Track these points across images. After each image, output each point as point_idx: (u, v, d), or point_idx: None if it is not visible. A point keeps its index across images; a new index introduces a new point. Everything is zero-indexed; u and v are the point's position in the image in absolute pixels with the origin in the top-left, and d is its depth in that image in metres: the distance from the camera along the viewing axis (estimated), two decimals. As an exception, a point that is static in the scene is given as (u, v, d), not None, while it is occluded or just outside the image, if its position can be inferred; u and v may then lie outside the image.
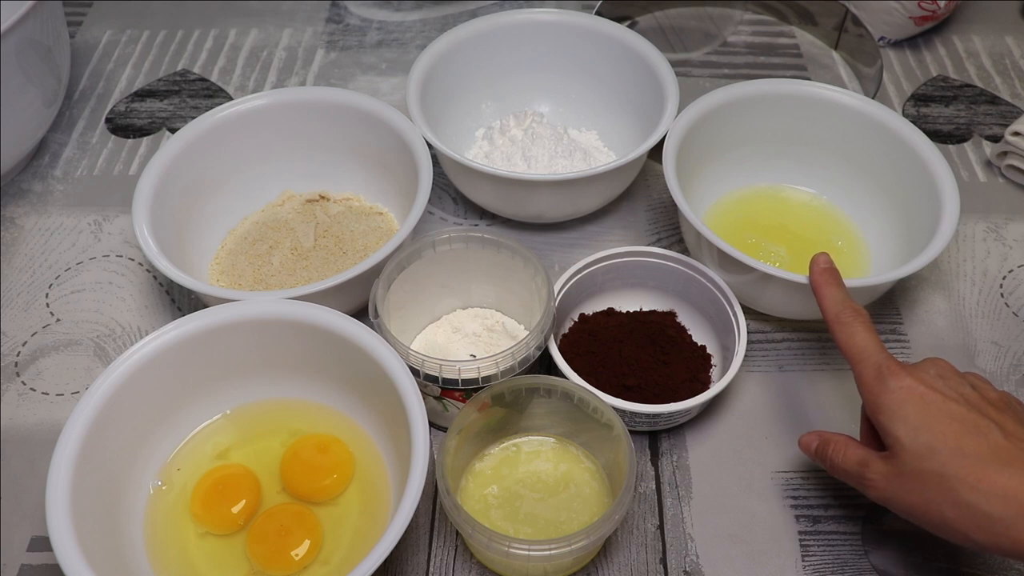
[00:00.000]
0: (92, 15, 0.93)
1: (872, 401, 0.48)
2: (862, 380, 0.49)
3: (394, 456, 0.54)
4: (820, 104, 0.68)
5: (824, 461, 0.52)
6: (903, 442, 0.46)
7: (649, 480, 0.58)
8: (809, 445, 0.53)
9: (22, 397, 0.62)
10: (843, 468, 0.50)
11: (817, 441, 0.52)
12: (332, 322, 0.53)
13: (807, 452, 0.53)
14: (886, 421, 0.47)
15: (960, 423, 0.45)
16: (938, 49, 0.88)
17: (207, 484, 0.54)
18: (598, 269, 0.63)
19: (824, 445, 0.52)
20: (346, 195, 0.73)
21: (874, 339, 0.50)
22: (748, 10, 0.92)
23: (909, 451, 0.46)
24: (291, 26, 0.91)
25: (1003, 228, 0.72)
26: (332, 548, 0.52)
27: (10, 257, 0.71)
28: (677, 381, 0.59)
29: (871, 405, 0.49)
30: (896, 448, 0.47)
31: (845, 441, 0.51)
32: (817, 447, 0.52)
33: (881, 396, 0.48)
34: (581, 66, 0.76)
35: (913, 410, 0.46)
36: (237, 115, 0.68)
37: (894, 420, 0.47)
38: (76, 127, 0.81)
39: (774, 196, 0.72)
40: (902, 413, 0.47)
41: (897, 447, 0.47)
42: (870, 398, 0.49)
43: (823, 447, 0.52)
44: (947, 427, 0.45)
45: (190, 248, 0.66)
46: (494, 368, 0.54)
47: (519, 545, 0.47)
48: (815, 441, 0.52)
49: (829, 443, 0.51)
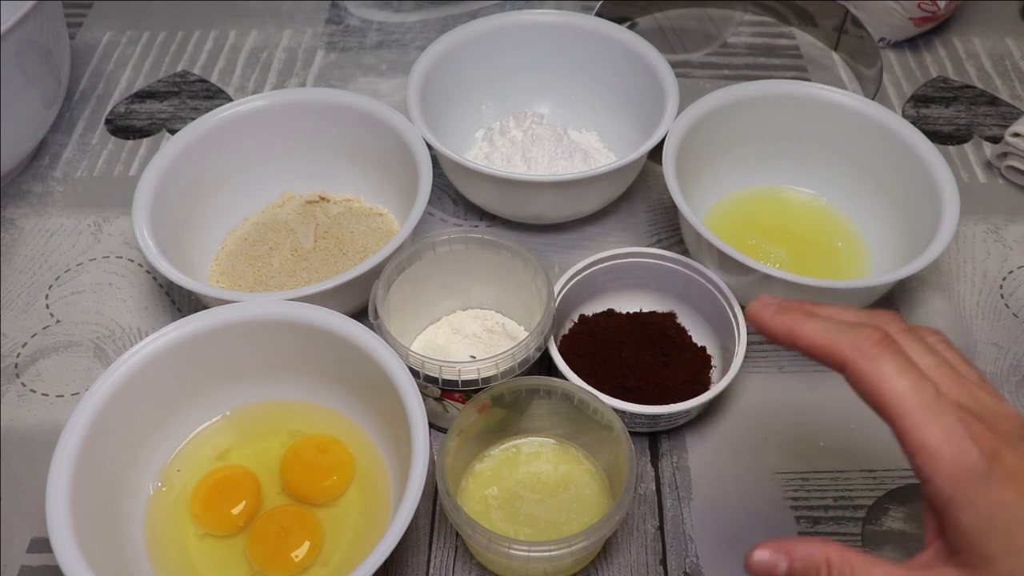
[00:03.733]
0: (92, 16, 0.93)
1: (955, 497, 0.33)
2: (925, 449, 0.33)
3: (394, 457, 0.54)
4: (820, 105, 0.68)
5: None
6: (998, 566, 0.33)
7: (649, 481, 0.58)
8: (768, 570, 0.36)
9: (22, 398, 0.62)
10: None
11: (785, 566, 0.36)
12: (332, 323, 0.53)
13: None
14: (978, 534, 0.33)
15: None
16: (938, 50, 0.88)
17: (207, 485, 0.54)
18: (598, 270, 0.63)
19: (810, 569, 0.35)
20: (346, 196, 0.73)
21: (924, 379, 0.34)
22: (748, 11, 0.92)
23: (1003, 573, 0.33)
24: (291, 27, 0.91)
25: (1003, 229, 0.72)
26: (332, 549, 0.52)
27: (10, 258, 0.71)
28: (677, 382, 0.59)
29: (950, 500, 0.34)
30: (983, 568, 0.33)
31: (854, 561, 0.35)
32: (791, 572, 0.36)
33: (977, 500, 0.33)
34: (581, 67, 0.76)
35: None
36: (237, 116, 0.68)
37: (991, 535, 0.33)
38: (76, 128, 0.81)
39: (774, 197, 0.72)
40: (1011, 532, 0.33)
41: (987, 569, 0.33)
42: (952, 491, 0.33)
43: (806, 571, 0.36)
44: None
45: (190, 249, 0.66)
46: (494, 369, 0.54)
47: (519, 546, 0.47)
48: (779, 565, 0.36)
49: (821, 569, 0.35)
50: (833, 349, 0.36)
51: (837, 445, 0.60)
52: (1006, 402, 0.36)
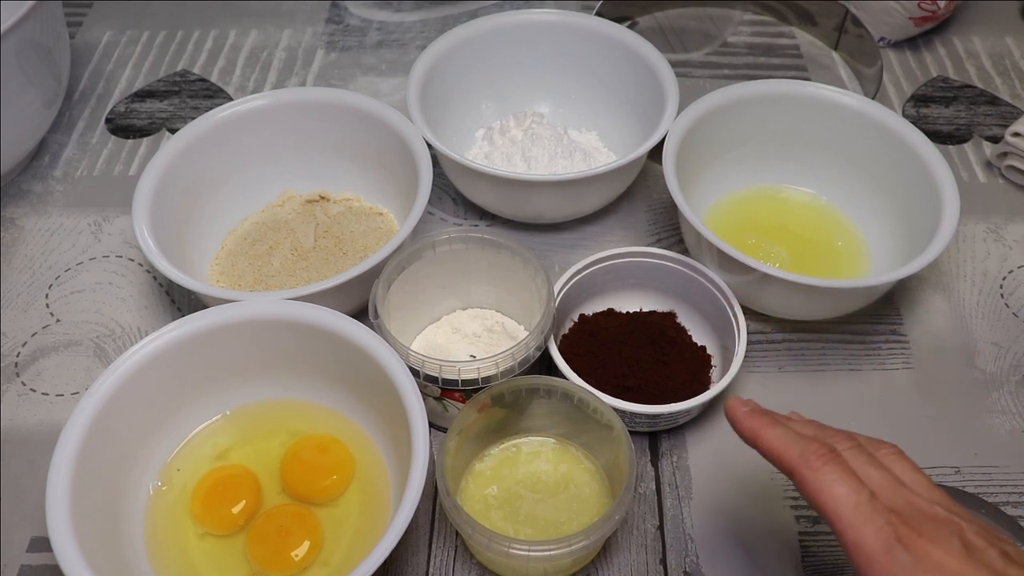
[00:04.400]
0: (92, 15, 0.93)
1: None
2: (859, 547, 0.38)
3: (394, 457, 0.54)
4: (820, 104, 0.68)
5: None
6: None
7: (649, 481, 0.58)
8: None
9: (22, 398, 0.62)
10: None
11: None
12: (332, 323, 0.53)
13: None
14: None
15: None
16: (938, 50, 0.88)
17: (207, 485, 0.54)
18: (598, 270, 0.63)
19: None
20: (346, 196, 0.73)
21: (860, 486, 0.39)
22: (748, 11, 0.92)
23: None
24: (291, 27, 0.91)
25: (1003, 229, 0.72)
26: (332, 549, 0.52)
27: (10, 258, 0.71)
28: (677, 382, 0.59)
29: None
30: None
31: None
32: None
33: (892, 573, 0.37)
34: (581, 66, 0.76)
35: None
36: (237, 115, 0.68)
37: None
38: (76, 128, 0.81)
39: (774, 196, 0.72)
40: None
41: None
42: (872, 571, 0.38)
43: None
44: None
45: (190, 248, 0.66)
46: (494, 369, 0.54)
47: (519, 546, 0.47)
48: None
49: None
50: (785, 456, 0.41)
51: (837, 445, 0.60)
52: (944, 504, 0.39)
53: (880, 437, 0.60)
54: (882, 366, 0.64)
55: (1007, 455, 0.59)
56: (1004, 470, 0.58)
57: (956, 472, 0.58)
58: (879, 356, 0.64)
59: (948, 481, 0.58)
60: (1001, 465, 0.58)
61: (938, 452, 0.59)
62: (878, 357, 0.64)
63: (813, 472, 0.40)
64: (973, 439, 0.60)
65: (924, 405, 0.62)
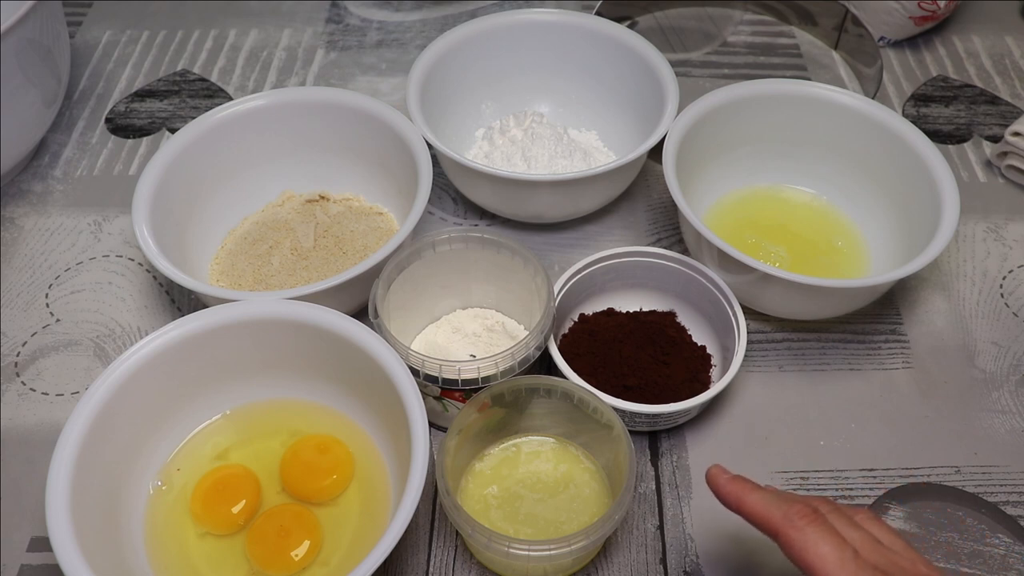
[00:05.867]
0: (92, 15, 0.93)
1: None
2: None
3: (394, 456, 0.54)
4: (820, 104, 0.68)
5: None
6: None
7: (649, 480, 0.58)
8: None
9: (22, 397, 0.62)
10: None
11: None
12: (332, 322, 0.53)
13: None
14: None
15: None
16: (938, 49, 0.88)
17: (207, 484, 0.54)
18: (598, 269, 0.63)
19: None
20: (346, 195, 0.73)
21: (844, 545, 0.41)
22: (748, 10, 0.92)
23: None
24: (291, 26, 0.91)
25: (1003, 228, 0.72)
26: (332, 549, 0.52)
27: (10, 257, 0.71)
28: (677, 381, 0.59)
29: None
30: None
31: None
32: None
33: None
34: (581, 66, 0.76)
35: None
36: (237, 115, 0.68)
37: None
38: (76, 127, 0.81)
39: (774, 196, 0.72)
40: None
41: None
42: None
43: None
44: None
45: (190, 248, 0.66)
46: (494, 368, 0.54)
47: (519, 545, 0.47)
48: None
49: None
50: (770, 518, 0.43)
51: (837, 444, 0.60)
52: (924, 563, 0.41)
53: (880, 437, 0.60)
54: (882, 366, 0.64)
55: (1007, 455, 0.59)
56: (1004, 470, 0.58)
57: (956, 472, 0.58)
58: (879, 356, 0.64)
59: (948, 481, 0.58)
60: (1001, 465, 0.58)
61: (938, 452, 0.59)
62: (878, 357, 0.64)
63: (798, 532, 0.41)
64: (973, 439, 0.60)
65: (924, 405, 0.62)
